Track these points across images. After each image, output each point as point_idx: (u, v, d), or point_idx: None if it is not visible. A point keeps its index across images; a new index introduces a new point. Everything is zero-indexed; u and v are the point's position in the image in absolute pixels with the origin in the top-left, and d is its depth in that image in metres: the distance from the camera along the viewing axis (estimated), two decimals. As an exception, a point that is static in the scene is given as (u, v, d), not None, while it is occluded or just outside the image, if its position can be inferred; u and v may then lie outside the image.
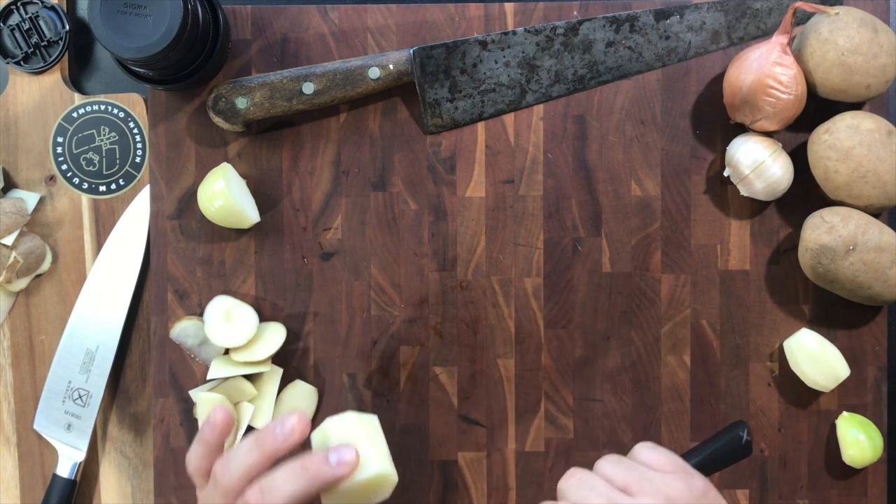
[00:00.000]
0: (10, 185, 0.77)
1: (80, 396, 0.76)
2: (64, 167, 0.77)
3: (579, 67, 0.75)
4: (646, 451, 0.59)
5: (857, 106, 0.74)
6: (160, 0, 0.65)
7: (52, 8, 0.76)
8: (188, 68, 0.71)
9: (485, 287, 0.75)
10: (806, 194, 0.75)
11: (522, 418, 0.75)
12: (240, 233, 0.75)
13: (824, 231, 0.70)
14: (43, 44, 0.76)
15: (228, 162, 0.75)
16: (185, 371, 0.75)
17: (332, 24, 0.75)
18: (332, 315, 0.75)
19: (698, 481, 0.57)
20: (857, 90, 0.70)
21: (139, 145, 0.77)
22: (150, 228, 0.76)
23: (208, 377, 0.73)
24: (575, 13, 0.75)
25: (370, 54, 0.74)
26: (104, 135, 0.77)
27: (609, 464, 0.58)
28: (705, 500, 0.56)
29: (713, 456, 0.63)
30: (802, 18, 0.74)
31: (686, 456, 0.63)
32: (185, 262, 0.75)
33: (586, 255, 0.75)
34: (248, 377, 0.74)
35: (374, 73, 0.73)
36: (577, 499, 0.56)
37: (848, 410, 0.75)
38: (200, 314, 0.75)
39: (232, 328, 0.73)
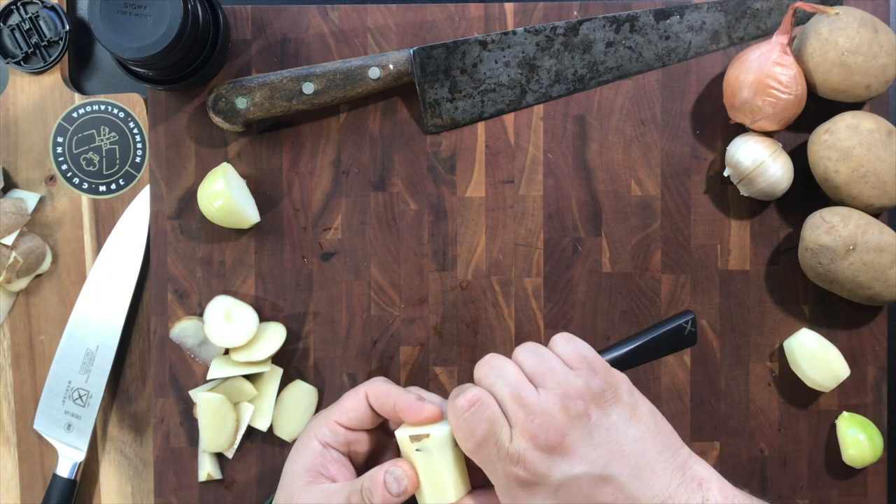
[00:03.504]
0: (10, 185, 0.77)
1: (80, 396, 0.76)
2: (64, 167, 0.77)
3: (579, 67, 0.75)
4: (562, 343, 0.61)
5: (857, 106, 0.74)
6: (160, 0, 0.65)
7: (52, 8, 0.76)
8: (188, 68, 0.71)
9: (485, 287, 0.75)
10: (806, 194, 0.75)
11: (522, 418, 0.75)
12: (240, 233, 0.75)
13: (824, 231, 0.70)
14: (43, 44, 0.76)
15: (228, 162, 0.75)
16: (185, 371, 0.75)
17: (332, 24, 0.75)
18: (332, 315, 0.75)
19: (598, 380, 0.58)
20: (857, 90, 0.70)
21: (139, 145, 0.77)
22: (150, 228, 0.76)
23: (208, 377, 0.73)
24: (575, 13, 0.75)
25: (370, 54, 0.74)
26: (104, 135, 0.77)
27: (525, 351, 0.60)
28: (602, 398, 0.58)
29: (654, 342, 0.64)
30: (802, 18, 0.74)
31: (626, 340, 0.64)
32: (185, 262, 0.75)
33: (586, 255, 0.75)
34: (248, 377, 0.74)
35: (374, 73, 0.73)
36: (486, 385, 0.59)
37: (848, 410, 0.75)
38: (200, 314, 0.75)
39: (232, 328, 0.73)
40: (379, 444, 0.68)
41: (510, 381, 0.59)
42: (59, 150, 0.77)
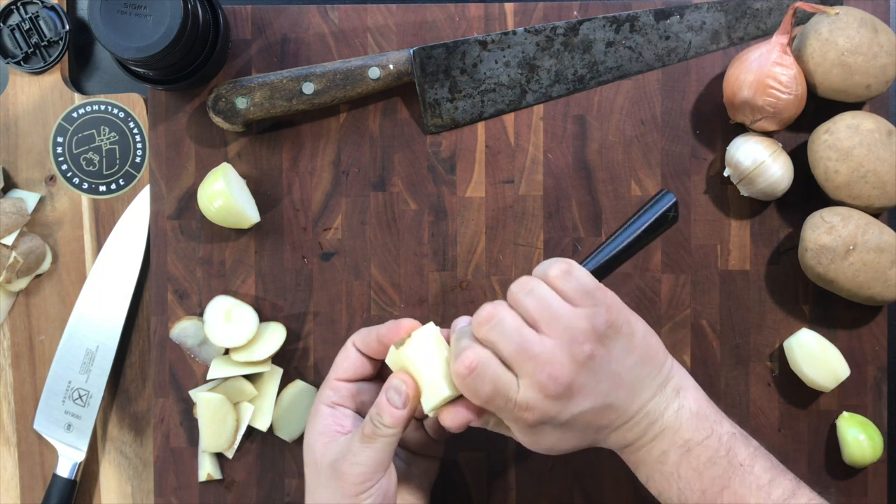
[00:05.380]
0: (10, 185, 0.77)
1: (80, 396, 0.76)
2: (64, 167, 0.77)
3: (579, 67, 0.75)
4: (561, 278, 0.60)
5: (857, 106, 0.74)
6: (160, 0, 0.65)
7: (52, 8, 0.76)
8: (188, 68, 0.71)
9: (485, 287, 0.75)
10: (806, 194, 0.75)
11: (522, 418, 0.75)
12: (240, 233, 0.75)
13: (824, 231, 0.70)
14: (43, 44, 0.76)
15: (228, 162, 0.75)
16: (185, 371, 0.75)
17: (332, 24, 0.75)
18: (332, 315, 0.75)
19: (601, 318, 0.59)
20: (857, 90, 0.70)
21: (139, 145, 0.77)
22: (150, 228, 0.76)
23: (208, 377, 0.73)
24: (575, 13, 0.75)
25: (370, 54, 0.74)
26: (104, 135, 0.77)
27: (523, 293, 0.60)
28: (605, 336, 0.59)
29: (639, 238, 0.64)
30: (802, 18, 0.74)
31: (609, 241, 0.64)
32: (185, 262, 0.75)
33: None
34: (248, 377, 0.74)
35: (374, 73, 0.73)
36: (489, 343, 0.60)
37: (848, 410, 0.75)
38: (200, 314, 0.75)
39: (232, 328, 0.73)
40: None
41: (512, 335, 0.59)
42: (59, 150, 0.77)
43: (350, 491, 0.61)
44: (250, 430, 0.75)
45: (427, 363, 0.62)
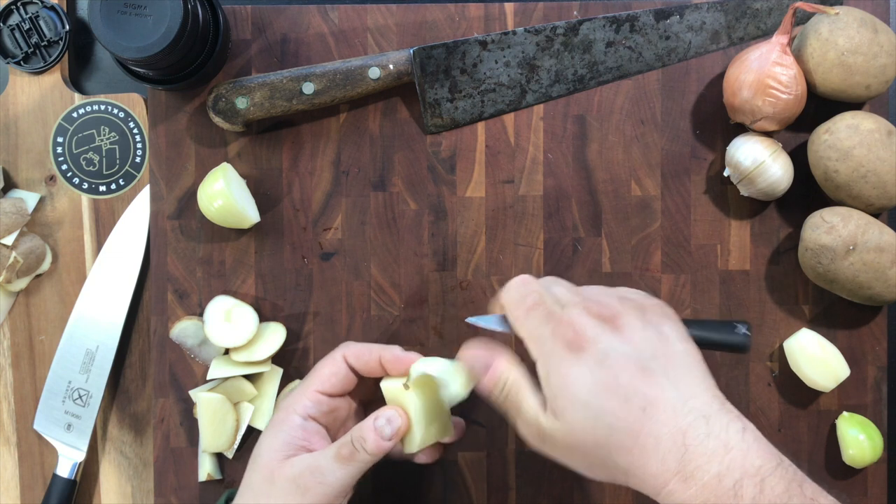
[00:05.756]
0: (10, 185, 0.77)
1: (80, 396, 0.76)
2: (64, 167, 0.77)
3: (579, 67, 0.75)
4: (622, 289, 0.61)
5: (857, 106, 0.74)
6: (160, 0, 0.65)
7: (52, 8, 0.76)
8: (188, 68, 0.71)
9: (485, 287, 0.75)
10: (806, 194, 0.75)
11: (522, 418, 0.75)
12: (240, 233, 0.75)
13: (824, 231, 0.70)
14: (43, 44, 0.76)
15: (228, 162, 0.75)
16: (185, 371, 0.75)
17: (332, 24, 0.75)
18: (332, 315, 0.75)
19: (653, 299, 0.59)
20: (857, 90, 0.70)
21: (139, 145, 0.77)
22: (150, 228, 0.76)
23: (208, 377, 0.73)
24: (575, 13, 0.75)
25: (370, 54, 0.74)
26: (104, 135, 0.77)
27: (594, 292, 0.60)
28: (657, 309, 0.58)
29: (707, 334, 0.62)
30: (802, 18, 0.74)
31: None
32: (185, 262, 0.75)
33: (586, 255, 0.75)
34: (248, 377, 0.74)
35: (374, 73, 0.73)
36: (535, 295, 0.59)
37: (848, 410, 0.75)
38: (200, 314, 0.75)
39: (232, 328, 0.73)
40: (351, 412, 0.68)
41: (565, 284, 0.60)
42: (59, 150, 0.77)
43: None
44: (250, 430, 0.75)
45: (425, 408, 0.62)
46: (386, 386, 0.64)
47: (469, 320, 0.62)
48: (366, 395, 0.68)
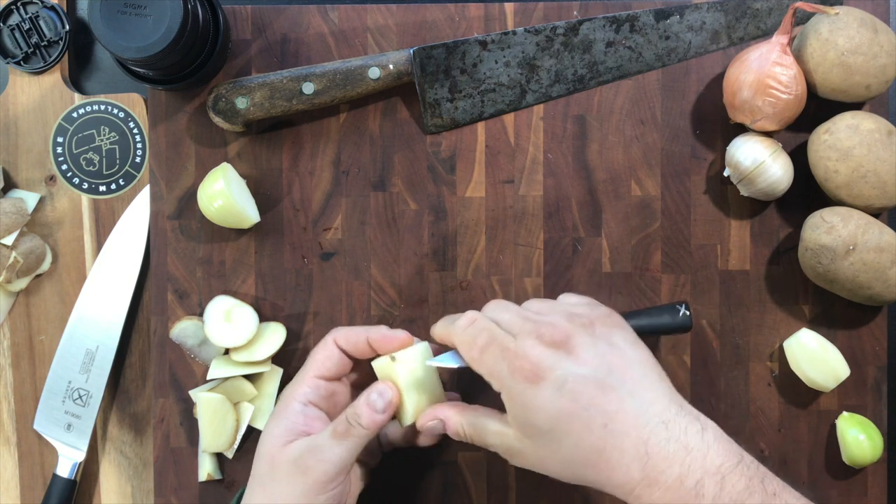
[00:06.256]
0: (10, 185, 0.77)
1: (80, 396, 0.76)
2: (64, 167, 0.77)
3: (579, 67, 0.75)
4: (567, 296, 0.65)
5: (857, 106, 0.74)
6: (160, 0, 0.65)
7: (52, 8, 0.76)
8: (188, 68, 0.71)
9: (485, 287, 0.75)
10: (806, 194, 0.75)
11: (522, 418, 0.75)
12: (240, 233, 0.75)
13: (824, 231, 0.70)
14: (43, 44, 0.76)
15: (228, 162, 0.75)
16: (185, 371, 0.75)
17: (332, 24, 0.75)
18: (332, 315, 0.75)
19: (601, 309, 0.62)
20: (857, 90, 0.70)
21: (139, 145, 0.77)
22: (150, 228, 0.76)
23: (208, 377, 0.73)
24: (575, 13, 0.75)
25: (370, 54, 0.74)
26: (104, 135, 0.77)
27: (527, 302, 0.64)
28: (607, 320, 0.61)
29: (652, 321, 0.70)
30: (802, 18, 0.74)
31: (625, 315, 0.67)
32: (185, 262, 0.75)
33: (586, 255, 0.75)
34: (248, 377, 0.74)
35: (374, 73, 0.73)
36: (489, 316, 0.62)
37: (848, 410, 0.75)
38: (200, 314, 0.75)
39: (232, 328, 0.73)
40: (349, 398, 0.69)
41: (512, 309, 0.62)
42: (59, 150, 0.77)
43: (313, 488, 0.61)
44: (250, 430, 0.75)
45: (414, 379, 0.64)
46: (376, 364, 0.65)
47: (428, 362, 0.64)
48: (363, 381, 0.69)
